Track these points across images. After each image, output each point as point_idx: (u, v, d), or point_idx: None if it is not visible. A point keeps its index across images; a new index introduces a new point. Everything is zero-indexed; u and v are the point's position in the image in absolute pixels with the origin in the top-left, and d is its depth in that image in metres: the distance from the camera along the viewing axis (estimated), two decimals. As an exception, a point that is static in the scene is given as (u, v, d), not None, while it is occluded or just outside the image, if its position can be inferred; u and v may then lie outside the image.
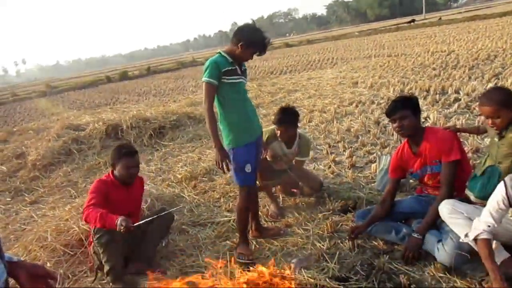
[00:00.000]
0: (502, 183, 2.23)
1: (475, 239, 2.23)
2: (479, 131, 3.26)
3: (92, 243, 3.03)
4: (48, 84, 34.44)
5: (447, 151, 2.78)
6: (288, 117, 3.77)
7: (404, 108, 2.85)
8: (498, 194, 2.22)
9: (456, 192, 2.84)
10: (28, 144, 7.52)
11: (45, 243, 3.53)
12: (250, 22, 3.15)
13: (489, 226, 2.19)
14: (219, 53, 3.05)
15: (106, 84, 28.45)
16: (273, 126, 3.91)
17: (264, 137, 3.68)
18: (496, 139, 2.67)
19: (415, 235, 2.73)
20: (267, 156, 3.75)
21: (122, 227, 2.68)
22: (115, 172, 3.19)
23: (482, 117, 2.88)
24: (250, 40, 2.95)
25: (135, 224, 2.80)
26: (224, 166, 2.94)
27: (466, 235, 2.27)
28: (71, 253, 3.38)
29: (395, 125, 2.90)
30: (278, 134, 3.80)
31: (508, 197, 2.17)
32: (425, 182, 3.04)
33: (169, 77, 24.71)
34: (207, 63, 3.01)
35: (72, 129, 7.65)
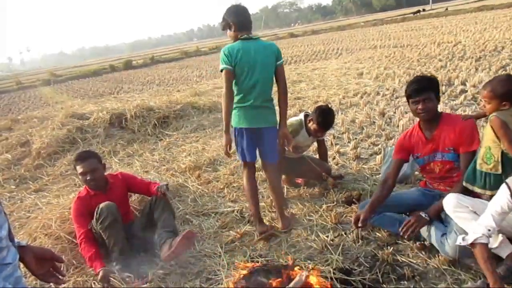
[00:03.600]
0: (504, 185, 2.18)
1: (472, 243, 2.18)
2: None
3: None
4: (52, 72, 34.40)
5: (468, 141, 2.70)
6: (332, 122, 3.88)
7: (429, 90, 2.75)
8: (502, 197, 2.17)
9: None
10: (33, 132, 7.52)
11: (50, 230, 3.54)
12: (257, 12, 3.18)
13: (489, 230, 2.14)
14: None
15: (110, 73, 28.39)
16: (296, 119, 3.97)
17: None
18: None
19: (423, 215, 2.66)
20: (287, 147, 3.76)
21: (102, 282, 2.80)
22: None
23: None
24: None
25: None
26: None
27: (463, 238, 2.22)
28: (76, 241, 3.39)
29: (418, 106, 2.76)
30: (314, 131, 3.84)
31: None
32: (429, 169, 2.95)
33: (173, 67, 24.63)
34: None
35: (77, 117, 7.64)
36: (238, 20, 3.11)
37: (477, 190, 2.57)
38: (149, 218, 3.27)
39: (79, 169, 3.18)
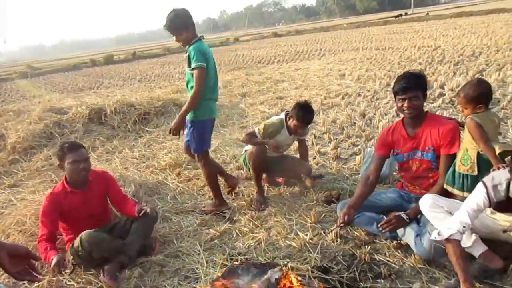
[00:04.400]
0: (481, 184, 2.24)
1: (446, 239, 2.23)
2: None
3: (69, 245, 3.02)
4: (30, 65, 33.57)
5: (449, 143, 2.74)
6: (312, 116, 3.90)
7: (417, 88, 2.76)
8: (478, 194, 2.23)
9: None
10: (8, 126, 7.30)
11: (24, 227, 3.46)
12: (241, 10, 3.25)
13: (464, 226, 2.20)
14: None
15: (91, 67, 27.84)
16: (277, 118, 3.96)
17: (268, 130, 3.83)
18: None
19: (404, 216, 2.71)
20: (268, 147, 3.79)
21: (55, 269, 2.69)
22: (66, 174, 3.09)
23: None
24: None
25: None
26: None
27: (438, 233, 2.27)
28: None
29: (404, 104, 2.78)
30: (294, 127, 3.86)
31: (489, 198, 2.19)
32: (407, 167, 2.98)
33: (155, 63, 24.34)
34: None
35: (54, 112, 7.46)
36: (193, 22, 3.40)
37: (456, 192, 2.63)
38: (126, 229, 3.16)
39: (72, 157, 3.00)
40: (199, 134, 3.52)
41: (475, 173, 2.51)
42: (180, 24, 3.33)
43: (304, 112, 3.78)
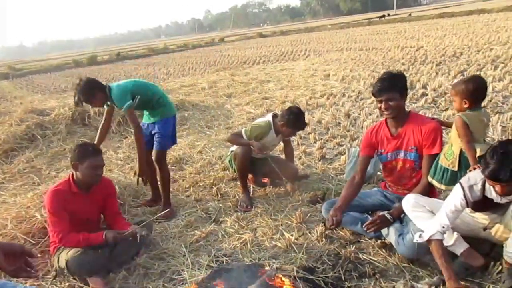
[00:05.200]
0: (458, 185, 2.30)
1: (429, 240, 2.29)
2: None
3: (55, 250, 2.95)
4: (11, 66, 32.90)
5: (431, 143, 2.75)
6: (304, 122, 3.93)
7: (392, 90, 2.74)
8: (456, 196, 2.29)
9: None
10: (-12, 128, 7.16)
11: (5, 230, 3.37)
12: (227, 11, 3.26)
13: (443, 227, 2.26)
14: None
15: (74, 68, 27.43)
16: (264, 120, 3.96)
17: (254, 133, 3.80)
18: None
19: (388, 216, 2.73)
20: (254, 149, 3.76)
21: (110, 239, 2.82)
22: (77, 174, 2.98)
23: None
24: None
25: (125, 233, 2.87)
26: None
27: (420, 236, 2.31)
28: (33, 242, 3.25)
29: (381, 105, 2.80)
30: (287, 133, 3.91)
31: (466, 199, 2.25)
32: (390, 167, 3.00)
33: (139, 64, 24.11)
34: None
35: (36, 113, 7.33)
36: (98, 86, 3.64)
37: (435, 183, 2.70)
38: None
39: (94, 161, 2.94)
40: (168, 131, 3.83)
41: (455, 168, 2.58)
42: (88, 93, 3.52)
43: (300, 121, 3.82)
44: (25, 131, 6.66)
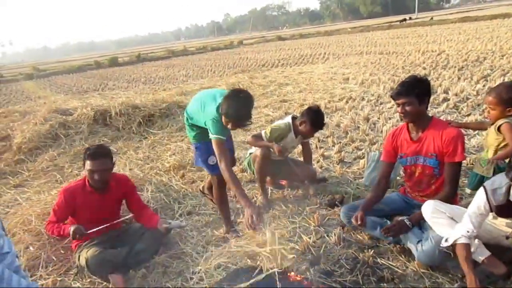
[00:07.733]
0: (482, 189, 2.27)
1: (454, 244, 2.27)
2: (483, 126, 3.29)
3: (76, 247, 3.08)
4: (35, 66, 33.78)
5: (451, 152, 2.71)
6: (323, 121, 3.88)
7: (408, 94, 2.72)
8: (479, 200, 2.26)
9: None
10: (14, 126, 7.36)
11: (30, 226, 3.48)
12: (246, 14, 3.20)
13: (468, 231, 2.23)
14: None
15: (95, 69, 28.02)
16: (284, 122, 3.96)
17: (274, 135, 3.81)
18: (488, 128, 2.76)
19: (407, 222, 2.72)
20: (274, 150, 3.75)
21: (76, 236, 2.84)
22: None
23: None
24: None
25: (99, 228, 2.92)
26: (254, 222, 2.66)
27: (446, 240, 2.31)
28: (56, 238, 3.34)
29: (398, 108, 2.82)
30: (307, 132, 3.87)
31: (489, 203, 2.22)
32: (410, 172, 2.98)
33: (159, 65, 24.46)
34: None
35: (60, 113, 7.52)
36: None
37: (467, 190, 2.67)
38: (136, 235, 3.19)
39: (89, 165, 2.99)
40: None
41: (490, 175, 2.54)
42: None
43: (320, 119, 3.82)
44: (49, 130, 6.84)
